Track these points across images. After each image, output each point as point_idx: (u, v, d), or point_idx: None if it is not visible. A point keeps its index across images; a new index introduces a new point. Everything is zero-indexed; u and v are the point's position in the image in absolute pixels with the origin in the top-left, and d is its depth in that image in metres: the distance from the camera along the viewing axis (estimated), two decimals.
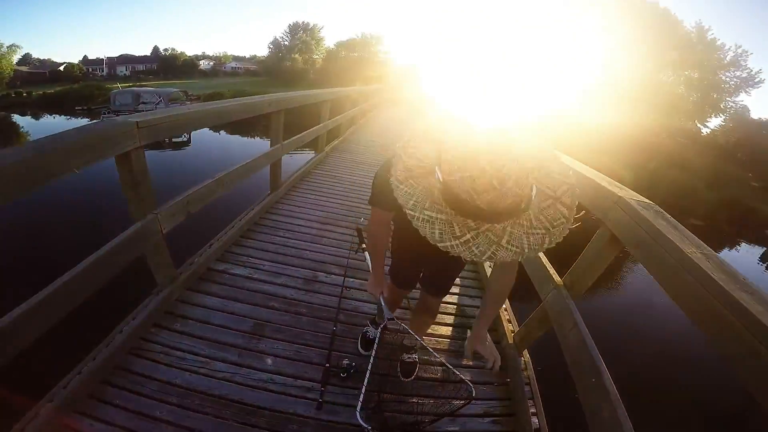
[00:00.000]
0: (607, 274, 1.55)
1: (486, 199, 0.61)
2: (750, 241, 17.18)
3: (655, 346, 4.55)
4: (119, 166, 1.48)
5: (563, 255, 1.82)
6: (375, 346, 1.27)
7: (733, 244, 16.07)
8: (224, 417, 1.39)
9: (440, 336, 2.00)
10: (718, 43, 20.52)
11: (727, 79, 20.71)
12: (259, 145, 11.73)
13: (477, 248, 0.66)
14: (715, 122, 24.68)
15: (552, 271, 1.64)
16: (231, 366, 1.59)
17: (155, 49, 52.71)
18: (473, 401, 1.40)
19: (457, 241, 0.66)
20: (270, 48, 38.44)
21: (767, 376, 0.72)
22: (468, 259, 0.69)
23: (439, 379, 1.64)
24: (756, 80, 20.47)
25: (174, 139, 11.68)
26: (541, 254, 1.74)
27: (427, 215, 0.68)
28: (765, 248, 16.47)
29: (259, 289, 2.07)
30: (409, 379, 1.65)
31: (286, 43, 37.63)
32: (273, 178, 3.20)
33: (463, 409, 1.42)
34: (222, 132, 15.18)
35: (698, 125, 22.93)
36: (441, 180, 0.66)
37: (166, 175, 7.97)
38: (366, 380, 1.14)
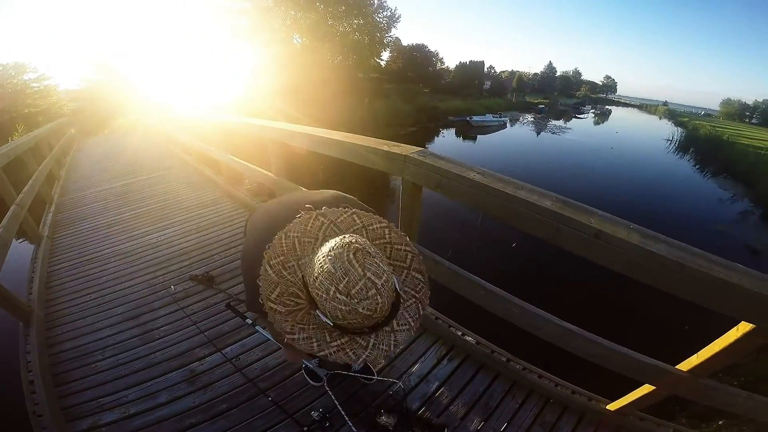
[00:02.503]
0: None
1: (370, 308, 0.64)
2: (445, 127, 25.46)
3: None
4: None
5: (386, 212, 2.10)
6: (336, 403, 1.50)
7: (438, 133, 23.32)
8: None
9: None
10: None
11: (381, 19, 26.50)
12: None
13: (384, 345, 0.72)
14: (385, 55, 32.16)
15: None
16: None
17: None
18: (423, 359, 1.84)
19: (368, 351, 0.71)
20: None
21: (571, 241, 1.17)
22: (378, 361, 0.76)
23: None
24: (396, 17, 27.25)
25: None
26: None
27: (335, 345, 0.70)
28: (454, 128, 25.07)
29: (159, 418, 1.61)
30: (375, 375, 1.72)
31: None
32: (13, 310, 2.09)
33: (424, 367, 1.81)
34: None
35: (377, 60, 28.96)
36: (330, 317, 0.67)
37: None
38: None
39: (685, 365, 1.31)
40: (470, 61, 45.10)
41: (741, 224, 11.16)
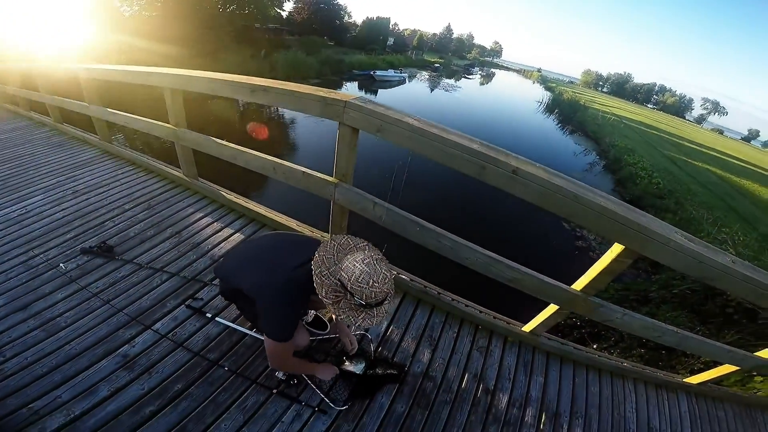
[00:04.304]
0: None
1: (383, 291, 1.07)
2: (349, 80, 25.01)
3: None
4: None
5: (325, 160, 2.09)
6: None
7: (341, 86, 22.78)
8: None
9: None
10: None
11: None
12: None
13: (381, 314, 1.13)
14: (288, 5, 29.00)
15: (322, 175, 1.88)
16: None
17: None
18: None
19: (376, 318, 1.11)
20: None
21: (494, 177, 1.33)
22: (376, 324, 1.20)
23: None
24: None
25: None
26: (307, 169, 1.93)
27: (361, 317, 1.09)
28: (357, 81, 24.80)
29: (111, 413, 1.40)
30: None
31: None
32: None
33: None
34: None
35: (278, 11, 25.86)
36: (362, 297, 1.05)
37: None
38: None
39: (577, 285, 1.63)
40: (377, 17, 44.30)
41: (589, 173, 13.87)
